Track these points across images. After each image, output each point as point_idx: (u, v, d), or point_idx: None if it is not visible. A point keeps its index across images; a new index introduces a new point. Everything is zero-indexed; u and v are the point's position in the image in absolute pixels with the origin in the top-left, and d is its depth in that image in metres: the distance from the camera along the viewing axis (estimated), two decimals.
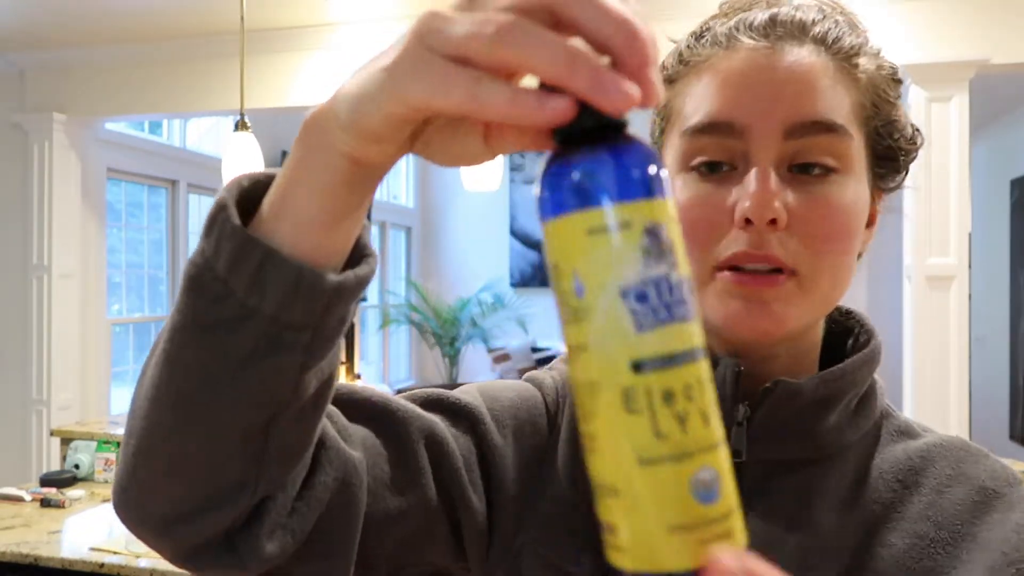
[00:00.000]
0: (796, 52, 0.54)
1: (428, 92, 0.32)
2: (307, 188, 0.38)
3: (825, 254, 0.53)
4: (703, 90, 0.55)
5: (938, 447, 0.59)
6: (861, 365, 0.58)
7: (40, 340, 4.09)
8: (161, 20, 3.72)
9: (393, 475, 0.53)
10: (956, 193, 3.14)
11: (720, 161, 0.54)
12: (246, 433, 0.41)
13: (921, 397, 3.17)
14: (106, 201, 4.51)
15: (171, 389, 0.40)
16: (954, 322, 3.15)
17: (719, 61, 0.55)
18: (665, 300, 0.29)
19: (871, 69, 0.57)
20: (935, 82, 3.15)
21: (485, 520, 0.58)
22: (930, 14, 3.17)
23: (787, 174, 0.53)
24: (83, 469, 3.06)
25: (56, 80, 4.17)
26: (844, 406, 0.57)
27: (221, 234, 0.38)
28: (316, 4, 3.55)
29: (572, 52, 0.29)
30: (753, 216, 0.51)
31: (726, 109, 0.54)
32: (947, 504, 0.55)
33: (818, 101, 0.53)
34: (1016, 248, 5.40)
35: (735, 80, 0.54)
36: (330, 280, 0.38)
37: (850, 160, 0.54)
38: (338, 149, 0.36)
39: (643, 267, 0.29)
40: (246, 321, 0.38)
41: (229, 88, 3.86)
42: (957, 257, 3.14)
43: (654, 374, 0.29)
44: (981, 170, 5.67)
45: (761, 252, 0.52)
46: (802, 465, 0.56)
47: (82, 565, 2.17)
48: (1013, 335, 5.44)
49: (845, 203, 0.54)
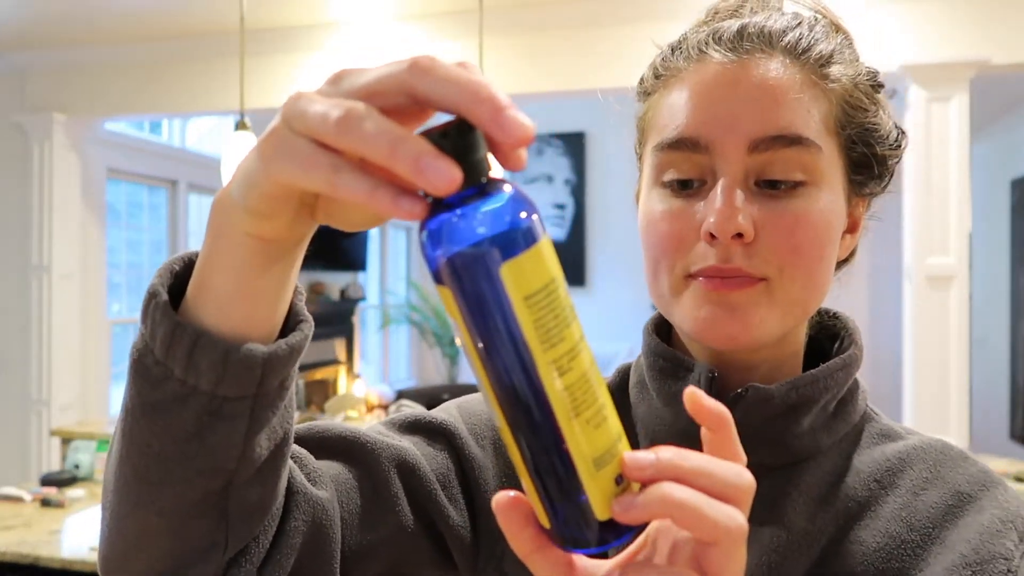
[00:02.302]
0: (764, 65, 0.54)
1: (291, 174, 0.34)
2: (221, 268, 0.40)
3: (798, 262, 0.54)
4: (673, 105, 0.56)
5: (918, 449, 0.59)
6: (837, 369, 0.57)
7: (40, 340, 4.09)
8: (161, 20, 3.72)
9: (367, 507, 0.56)
10: (956, 193, 3.14)
11: (690, 179, 0.55)
12: (204, 500, 0.43)
13: (921, 397, 3.17)
14: (106, 201, 4.51)
15: (128, 465, 0.43)
16: (954, 322, 3.15)
17: (689, 75, 0.56)
18: None
19: (845, 77, 0.56)
20: (935, 82, 3.15)
21: (469, 532, 0.60)
22: (930, 14, 3.17)
23: (755, 188, 0.54)
24: (83, 469, 3.06)
25: (56, 80, 4.17)
26: (820, 410, 0.57)
27: (155, 320, 0.40)
28: (316, 4, 3.55)
29: (395, 138, 0.31)
30: (717, 231, 0.52)
31: (692, 125, 0.54)
32: (921, 506, 0.55)
33: (783, 114, 0.53)
34: (1016, 248, 5.40)
35: (701, 96, 0.54)
36: (259, 352, 0.40)
37: (819, 172, 0.54)
38: (239, 228, 0.38)
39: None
40: (187, 399, 0.40)
41: (229, 88, 3.86)
42: (957, 257, 3.14)
43: None
44: (981, 170, 5.67)
45: (729, 266, 0.53)
46: (776, 469, 0.57)
47: (82, 565, 2.17)
48: (1013, 335, 5.44)
49: (814, 216, 0.54)
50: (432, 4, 3.55)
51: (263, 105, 3.84)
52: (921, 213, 3.16)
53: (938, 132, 3.15)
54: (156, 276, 0.42)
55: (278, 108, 0.35)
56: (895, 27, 3.17)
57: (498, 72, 3.45)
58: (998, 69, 3.16)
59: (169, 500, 0.43)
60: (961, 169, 3.14)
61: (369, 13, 3.65)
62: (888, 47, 3.16)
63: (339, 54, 3.77)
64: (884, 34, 3.16)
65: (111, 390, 4.63)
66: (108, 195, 4.58)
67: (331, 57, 3.78)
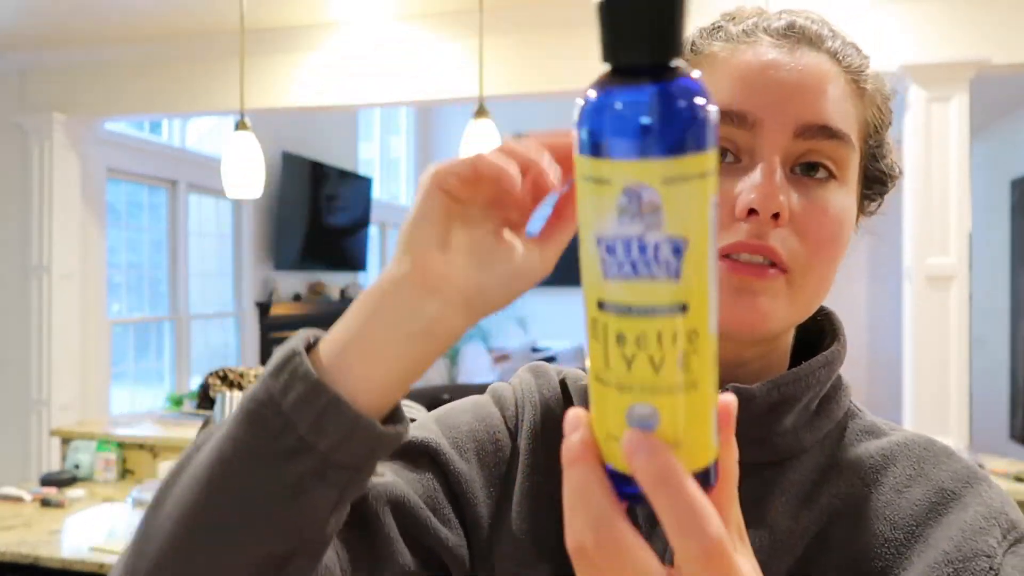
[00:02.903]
0: (814, 57, 0.55)
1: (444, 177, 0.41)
2: (377, 353, 0.42)
3: (818, 258, 0.54)
4: (716, 80, 0.55)
5: (901, 446, 0.58)
6: (819, 367, 0.57)
7: (40, 340, 4.09)
8: (161, 20, 3.72)
9: (366, 555, 0.55)
10: (956, 193, 3.14)
11: (725, 150, 0.55)
12: (263, 564, 0.44)
13: (921, 397, 3.17)
14: (106, 201, 4.51)
15: (207, 513, 0.43)
16: (954, 322, 3.15)
17: (734, 55, 0.56)
18: (632, 258, 0.30)
19: (874, 90, 0.58)
20: (935, 82, 3.15)
21: (465, 548, 0.60)
22: (930, 14, 3.17)
23: (790, 174, 0.54)
24: (83, 469, 3.06)
25: (56, 80, 4.17)
26: (802, 408, 0.57)
27: (293, 376, 0.42)
28: (316, 4, 3.55)
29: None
30: (759, 207, 0.52)
31: (740, 100, 0.54)
32: (905, 504, 0.55)
33: (830, 107, 0.54)
34: (1016, 248, 5.40)
35: (752, 74, 0.54)
36: (380, 431, 0.42)
37: (849, 171, 0.56)
38: (416, 324, 0.42)
39: (616, 224, 0.30)
40: (301, 454, 0.41)
41: (229, 88, 3.86)
42: (957, 257, 3.14)
43: (612, 316, 0.31)
44: (981, 170, 5.67)
45: (759, 243, 0.52)
46: (759, 468, 0.56)
47: (82, 565, 2.17)
48: (1013, 335, 5.44)
49: (840, 211, 0.55)
50: (432, 4, 3.55)
51: (263, 105, 3.84)
52: (921, 213, 3.16)
53: (938, 132, 3.15)
54: (295, 339, 0.44)
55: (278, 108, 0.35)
56: (895, 27, 3.17)
57: (498, 72, 3.45)
58: (998, 69, 3.16)
59: (232, 556, 0.43)
60: (961, 169, 3.14)
61: (369, 13, 3.65)
62: (888, 47, 3.16)
63: (339, 54, 3.77)
64: (884, 34, 3.16)
65: (111, 390, 4.63)
66: (108, 195, 4.58)
67: (331, 57, 3.78)
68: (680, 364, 0.31)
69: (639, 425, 0.31)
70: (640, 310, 0.30)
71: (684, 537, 0.31)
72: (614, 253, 0.30)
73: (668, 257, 0.30)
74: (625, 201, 0.30)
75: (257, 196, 2.84)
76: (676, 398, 0.31)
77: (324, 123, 6.64)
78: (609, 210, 0.30)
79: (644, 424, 0.31)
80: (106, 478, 3.04)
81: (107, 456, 3.05)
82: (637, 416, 0.31)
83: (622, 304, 0.31)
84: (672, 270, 0.30)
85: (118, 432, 3.18)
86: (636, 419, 0.32)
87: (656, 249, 0.30)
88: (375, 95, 3.77)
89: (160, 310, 5.27)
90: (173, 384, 5.26)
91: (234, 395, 2.39)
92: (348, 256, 6.91)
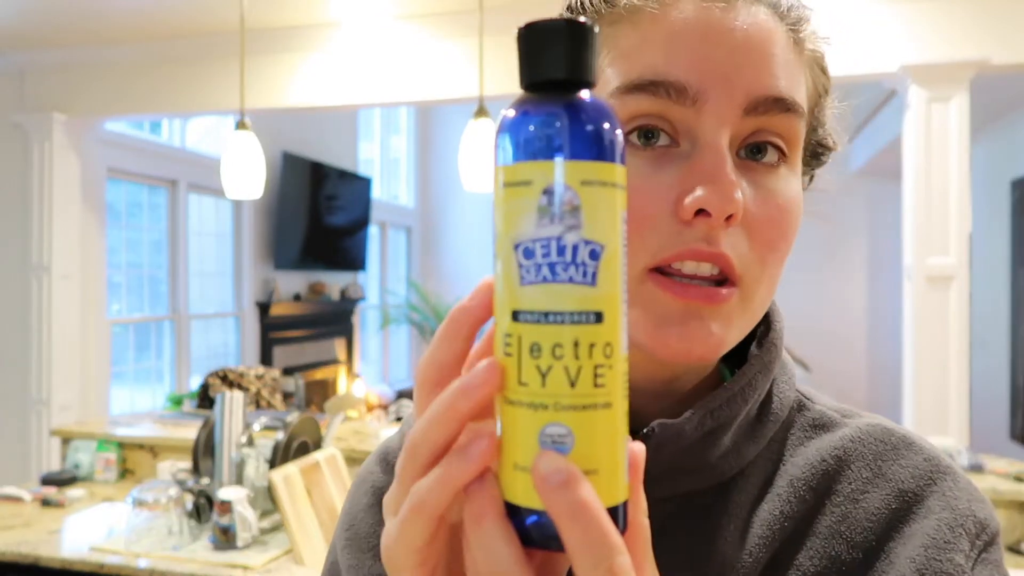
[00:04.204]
0: (752, 13, 0.45)
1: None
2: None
3: (772, 259, 0.46)
4: (642, 41, 0.45)
5: (856, 442, 0.51)
6: (757, 373, 0.50)
7: (40, 340, 4.09)
8: (161, 20, 3.72)
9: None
10: (956, 193, 3.14)
11: (658, 129, 0.44)
12: None
13: (921, 397, 3.17)
14: (106, 201, 4.51)
15: None
16: (954, 322, 3.15)
17: (663, 9, 0.45)
18: (550, 259, 0.30)
19: (815, 50, 0.49)
20: (935, 82, 3.15)
21: None
22: (930, 14, 3.17)
23: (736, 159, 0.45)
24: (83, 469, 3.07)
25: (56, 80, 4.17)
26: (741, 422, 0.50)
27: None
28: (316, 4, 3.55)
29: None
30: (713, 208, 0.42)
31: (677, 67, 0.43)
32: (861, 516, 0.49)
33: (780, 74, 0.44)
34: (1016, 248, 5.40)
35: (687, 34, 0.44)
36: None
37: (798, 149, 0.47)
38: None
39: (535, 226, 0.30)
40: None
41: (229, 88, 3.86)
42: (957, 257, 3.14)
43: (526, 326, 0.31)
44: (981, 170, 5.67)
45: (711, 250, 0.43)
46: (700, 496, 0.50)
47: (82, 565, 2.17)
48: (1013, 335, 5.44)
49: (793, 201, 0.46)
50: (432, 4, 3.55)
51: (263, 105, 3.84)
52: (921, 213, 3.16)
53: (938, 132, 3.15)
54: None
55: (278, 108, 0.35)
56: (895, 27, 3.17)
57: (498, 72, 3.45)
58: (998, 69, 3.16)
59: None
60: (961, 169, 3.14)
61: (369, 13, 3.65)
62: (888, 47, 3.16)
63: (339, 54, 3.77)
64: (884, 34, 3.16)
65: (111, 390, 4.63)
66: (108, 195, 4.58)
67: (331, 57, 3.78)
68: (595, 379, 0.30)
69: (552, 447, 0.30)
70: (556, 316, 0.30)
71: (595, 566, 0.28)
72: (532, 256, 0.30)
73: (585, 260, 0.30)
74: (545, 201, 0.30)
75: (257, 196, 2.84)
76: (592, 417, 0.30)
77: (324, 123, 6.64)
78: (529, 212, 0.30)
79: (558, 447, 0.30)
80: (106, 478, 3.04)
81: (107, 456, 3.05)
82: (550, 437, 0.30)
83: (538, 311, 0.30)
84: (589, 275, 0.30)
85: (118, 432, 3.18)
86: (548, 441, 0.30)
87: (575, 251, 0.30)
88: (375, 95, 3.77)
89: (160, 310, 5.27)
90: (173, 384, 5.26)
91: (234, 395, 2.39)
92: (348, 256, 6.92)
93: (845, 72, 3.17)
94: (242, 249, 5.84)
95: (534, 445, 0.30)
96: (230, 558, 2.14)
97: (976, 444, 3.66)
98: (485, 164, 2.78)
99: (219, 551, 2.18)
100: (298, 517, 2.16)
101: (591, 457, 0.30)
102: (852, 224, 7.17)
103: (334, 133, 6.89)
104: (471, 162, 2.80)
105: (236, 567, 2.10)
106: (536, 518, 0.30)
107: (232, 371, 4.13)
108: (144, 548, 2.21)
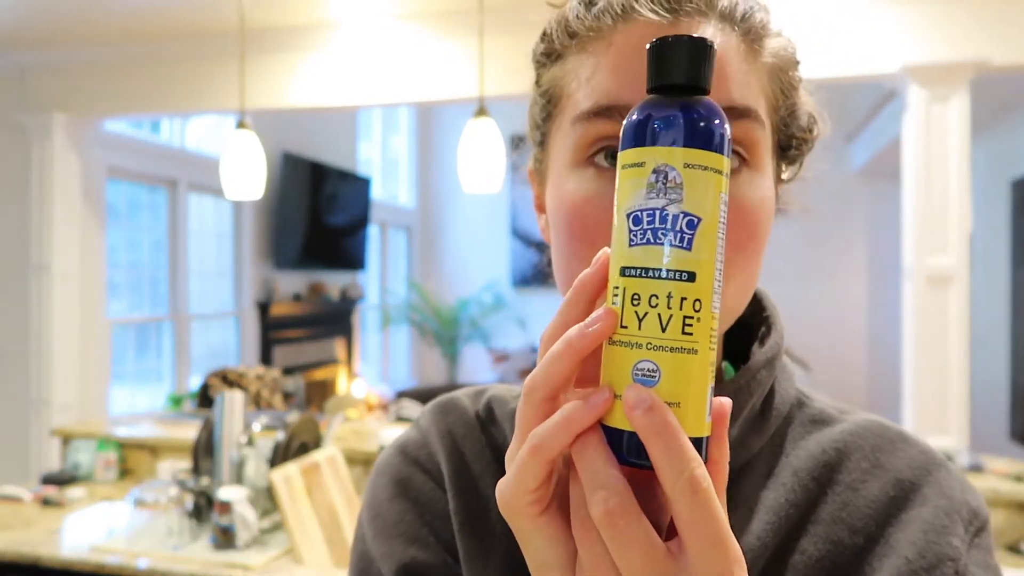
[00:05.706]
0: (701, 28, 0.47)
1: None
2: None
3: (741, 257, 0.48)
4: (596, 68, 0.48)
5: (854, 436, 0.55)
6: (760, 369, 0.53)
7: (40, 340, 4.09)
8: (161, 20, 3.72)
9: None
10: (956, 193, 3.14)
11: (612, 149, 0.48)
12: None
13: (921, 397, 3.17)
14: (106, 201, 4.51)
15: None
16: (954, 322, 3.15)
17: (614, 34, 0.48)
18: (654, 226, 0.36)
19: (778, 50, 0.51)
20: (935, 82, 3.15)
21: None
22: (930, 14, 3.17)
23: None
24: (83, 469, 3.07)
25: (56, 80, 4.17)
26: (747, 415, 0.53)
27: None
28: (316, 4, 3.55)
29: None
30: None
31: (628, 91, 0.46)
32: (861, 503, 0.52)
33: (732, 85, 0.47)
34: (1016, 248, 5.40)
35: (636, 58, 0.47)
36: None
37: (760, 150, 0.49)
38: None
39: (644, 198, 0.36)
40: None
41: (229, 88, 3.86)
42: (957, 257, 3.14)
43: (630, 279, 0.36)
44: (981, 170, 5.67)
45: None
46: None
47: (82, 565, 2.17)
48: (1013, 335, 5.43)
49: (757, 203, 0.48)
50: (432, 4, 3.55)
51: (263, 105, 3.84)
52: (921, 213, 3.16)
53: (938, 132, 3.15)
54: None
55: (278, 108, 0.35)
56: (895, 27, 3.17)
57: (498, 72, 3.45)
58: (998, 69, 3.16)
59: None
60: (961, 169, 3.14)
61: (369, 13, 3.65)
62: (888, 47, 3.16)
63: (339, 54, 3.77)
64: (884, 34, 3.16)
65: (111, 390, 4.63)
66: (108, 195, 4.58)
67: (331, 57, 3.78)
68: (684, 327, 0.36)
69: (642, 381, 0.35)
70: (655, 272, 0.36)
71: (678, 474, 0.33)
72: (640, 223, 0.36)
73: (683, 228, 0.36)
74: (654, 178, 0.36)
75: (257, 196, 2.84)
76: (678, 358, 0.35)
77: (324, 123, 6.64)
78: (640, 187, 0.36)
79: (647, 380, 0.35)
80: (106, 478, 3.04)
81: (107, 456, 3.05)
82: (641, 371, 0.36)
83: (641, 267, 0.36)
84: (686, 241, 0.36)
85: (118, 432, 3.18)
86: (639, 375, 0.36)
87: (675, 220, 0.36)
88: (375, 95, 3.77)
89: (160, 310, 5.27)
90: (173, 384, 5.26)
91: (234, 395, 2.39)
92: (348, 256, 6.92)
93: (845, 72, 3.17)
94: (242, 249, 5.84)
95: (628, 377, 0.36)
96: (230, 558, 2.14)
97: (976, 444, 3.66)
98: (485, 164, 2.78)
99: (219, 551, 2.18)
100: (298, 517, 2.16)
101: (675, 392, 0.35)
102: (852, 224, 7.17)
103: (334, 133, 6.89)
104: (471, 162, 2.80)
105: (236, 567, 2.10)
106: (628, 437, 0.36)
107: (232, 371, 4.13)
108: (144, 548, 2.22)
